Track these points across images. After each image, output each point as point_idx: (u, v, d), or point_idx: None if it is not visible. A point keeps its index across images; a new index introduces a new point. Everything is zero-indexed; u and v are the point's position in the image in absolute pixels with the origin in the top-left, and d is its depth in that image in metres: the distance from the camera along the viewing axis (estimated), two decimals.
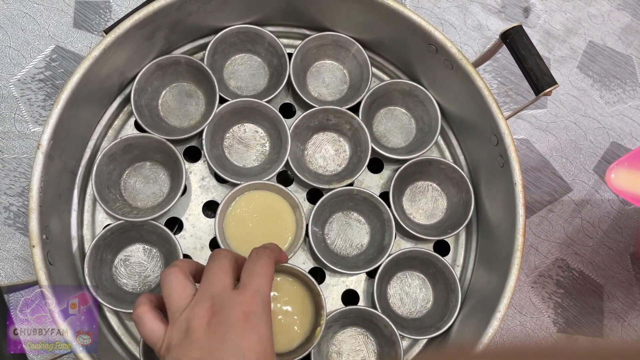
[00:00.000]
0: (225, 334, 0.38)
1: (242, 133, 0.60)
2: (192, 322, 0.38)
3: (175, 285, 0.41)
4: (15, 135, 0.67)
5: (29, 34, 0.70)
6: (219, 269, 0.42)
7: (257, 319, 0.39)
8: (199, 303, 0.39)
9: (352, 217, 0.59)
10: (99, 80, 0.52)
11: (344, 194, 0.57)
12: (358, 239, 0.59)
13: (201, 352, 0.37)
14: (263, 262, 0.42)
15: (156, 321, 0.41)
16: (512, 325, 0.68)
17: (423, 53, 0.56)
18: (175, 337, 0.39)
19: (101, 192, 0.54)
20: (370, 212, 0.58)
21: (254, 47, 0.61)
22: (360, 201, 0.58)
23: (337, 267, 0.55)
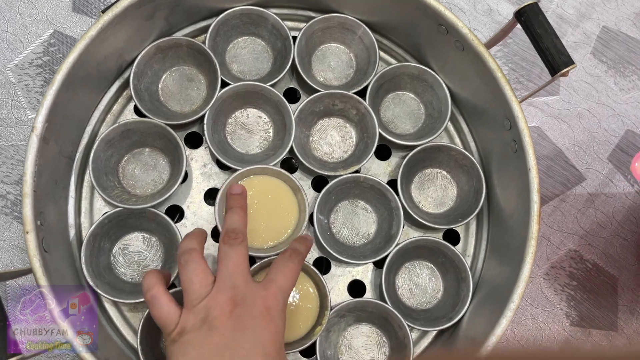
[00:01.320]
0: (247, 324, 0.39)
1: (245, 118, 0.58)
2: (212, 311, 0.39)
3: (198, 272, 0.41)
4: (12, 121, 0.65)
5: (27, 18, 0.68)
6: (240, 257, 0.42)
7: (276, 314, 0.40)
8: (221, 292, 0.40)
9: (359, 205, 0.57)
10: (96, 62, 0.51)
11: (350, 181, 0.55)
12: (365, 228, 0.57)
13: (222, 337, 0.38)
14: (294, 265, 0.44)
15: (171, 304, 0.41)
16: (524, 318, 0.66)
17: (433, 35, 0.54)
18: (191, 323, 0.39)
19: (99, 179, 0.52)
20: (377, 200, 0.56)
21: (257, 29, 0.59)
22: (367, 189, 0.56)
23: (343, 257, 0.53)
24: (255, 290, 0.41)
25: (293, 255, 0.45)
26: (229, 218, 0.46)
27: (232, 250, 0.42)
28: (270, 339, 0.39)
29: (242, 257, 0.42)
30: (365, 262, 0.54)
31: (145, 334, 0.50)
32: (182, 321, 0.40)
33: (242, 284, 0.41)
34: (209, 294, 0.40)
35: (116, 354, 0.50)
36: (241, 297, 0.40)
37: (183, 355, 0.38)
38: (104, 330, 0.51)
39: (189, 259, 0.42)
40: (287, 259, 0.44)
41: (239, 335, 0.38)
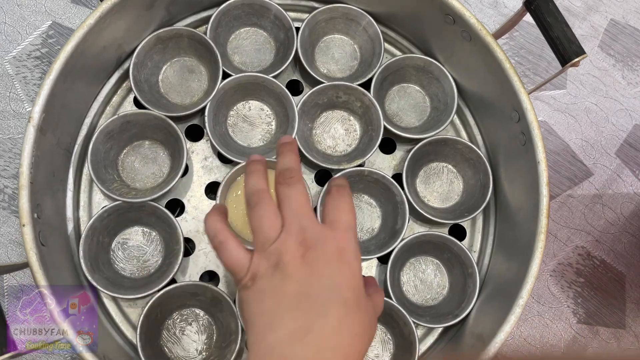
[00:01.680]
0: (322, 269, 0.37)
1: (247, 111, 0.57)
2: (284, 256, 0.37)
3: (269, 215, 0.39)
4: (10, 114, 0.64)
5: (25, 9, 0.67)
6: (301, 196, 0.40)
7: (350, 255, 0.38)
8: (290, 235, 0.38)
9: (363, 199, 0.56)
10: (95, 52, 0.49)
11: (354, 175, 0.54)
12: (369, 223, 0.56)
13: (297, 286, 0.36)
14: (348, 199, 0.41)
15: (240, 249, 0.39)
16: (530, 316, 0.65)
17: (439, 25, 0.53)
18: (264, 268, 0.38)
19: (98, 172, 0.51)
20: (381, 195, 0.55)
21: (259, 20, 0.58)
22: (371, 183, 0.55)
23: None
24: (325, 231, 0.39)
25: (341, 190, 0.42)
26: (280, 160, 0.43)
27: (292, 191, 0.40)
28: (348, 284, 0.37)
29: (304, 196, 0.40)
30: (369, 257, 0.53)
31: (145, 330, 0.49)
32: (254, 266, 0.38)
33: (310, 225, 0.39)
34: (279, 238, 0.38)
35: (115, 350, 0.49)
36: (312, 240, 0.38)
37: (259, 304, 0.37)
38: (102, 326, 0.50)
39: (258, 200, 0.40)
40: (339, 197, 0.41)
41: (314, 282, 0.36)
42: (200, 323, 0.52)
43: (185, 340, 0.51)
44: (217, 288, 0.50)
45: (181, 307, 0.52)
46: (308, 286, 0.36)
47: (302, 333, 0.35)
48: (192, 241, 0.54)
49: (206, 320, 0.52)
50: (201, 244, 0.53)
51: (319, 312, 0.36)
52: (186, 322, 0.52)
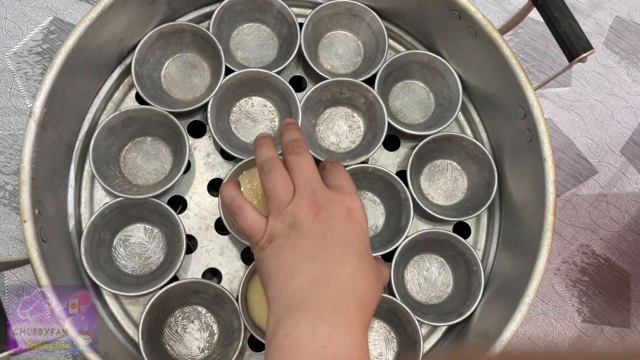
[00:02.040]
0: (335, 225, 0.39)
1: (250, 107, 0.56)
2: (298, 216, 0.39)
3: (282, 180, 0.41)
4: (11, 110, 0.63)
5: (26, 4, 0.66)
6: (310, 164, 0.42)
7: (358, 214, 0.41)
8: (303, 198, 0.40)
9: (367, 197, 0.55)
10: (96, 47, 0.49)
11: (358, 172, 0.53)
12: (372, 220, 0.55)
13: (313, 239, 0.38)
14: (344, 169, 0.45)
15: (256, 212, 0.41)
16: (534, 314, 0.65)
17: (444, 20, 0.52)
18: (280, 228, 0.40)
19: (99, 168, 0.50)
20: (385, 192, 0.54)
21: (262, 15, 0.57)
22: (375, 180, 0.54)
23: None
24: (334, 193, 0.41)
25: (335, 164, 0.45)
26: (286, 135, 0.45)
27: (301, 159, 0.42)
28: (359, 238, 0.40)
29: (312, 164, 0.42)
30: (372, 255, 0.52)
31: (147, 328, 0.48)
32: (270, 228, 0.40)
33: (320, 189, 0.41)
34: (293, 201, 0.40)
35: (116, 348, 0.48)
36: (323, 201, 0.40)
37: (277, 259, 0.39)
38: (103, 323, 0.50)
39: (272, 167, 0.42)
40: (336, 169, 0.44)
41: (328, 236, 0.39)
42: (202, 321, 0.51)
43: (187, 338, 0.51)
44: (220, 285, 0.49)
45: (183, 304, 0.51)
46: (323, 240, 0.39)
47: (322, 278, 0.37)
48: (195, 238, 0.53)
49: (208, 317, 0.51)
50: (203, 241, 0.53)
51: (335, 261, 0.38)
52: (188, 319, 0.51)
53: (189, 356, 0.50)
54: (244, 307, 0.49)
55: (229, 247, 0.53)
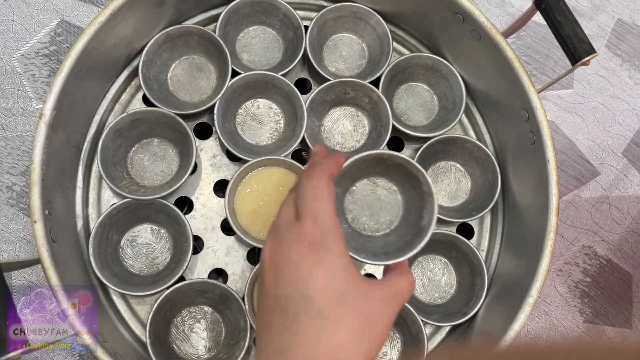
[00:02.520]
0: (289, 275, 0.33)
1: (256, 109, 0.57)
2: (263, 263, 0.36)
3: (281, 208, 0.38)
4: (18, 112, 0.64)
5: (33, 7, 0.67)
6: (288, 197, 0.38)
7: (323, 252, 0.33)
8: (268, 238, 0.36)
9: (379, 184, 0.46)
10: (105, 50, 0.50)
11: (370, 158, 0.43)
12: (387, 213, 0.46)
13: (268, 299, 0.34)
14: (314, 183, 0.36)
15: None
16: (537, 315, 0.65)
17: (448, 24, 0.53)
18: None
19: (107, 169, 0.51)
20: (404, 180, 0.45)
21: (268, 18, 0.58)
22: (391, 167, 0.45)
23: (361, 256, 0.41)
24: (291, 229, 0.36)
25: (307, 171, 0.39)
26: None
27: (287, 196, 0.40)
28: (323, 288, 0.33)
29: (286, 203, 0.39)
30: (387, 262, 0.42)
31: (154, 327, 0.49)
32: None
33: (282, 224, 0.37)
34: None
35: (124, 347, 0.49)
36: (281, 241, 0.36)
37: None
38: (111, 322, 0.50)
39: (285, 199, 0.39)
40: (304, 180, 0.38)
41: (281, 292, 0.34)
42: (208, 320, 0.52)
43: (193, 337, 0.51)
44: (226, 285, 0.50)
45: (190, 304, 0.52)
46: (276, 299, 0.33)
47: (278, 352, 0.32)
48: (201, 239, 0.54)
49: (215, 317, 0.52)
50: (209, 241, 0.54)
51: (290, 329, 0.32)
52: (195, 319, 0.52)
53: (196, 355, 0.51)
54: (250, 307, 0.50)
55: (235, 248, 0.54)
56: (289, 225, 0.35)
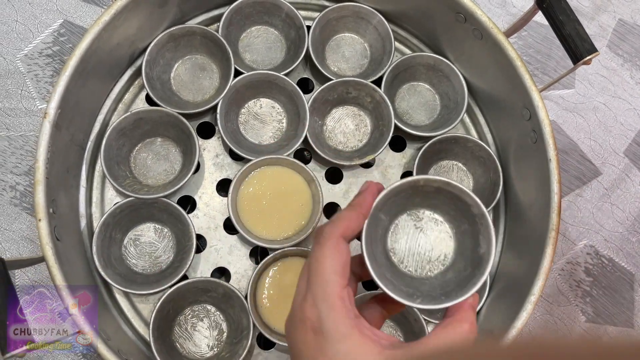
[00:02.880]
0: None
1: (258, 109, 0.57)
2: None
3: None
4: (21, 112, 0.64)
5: (37, 7, 0.67)
6: (313, 259, 0.34)
7: (323, 340, 0.31)
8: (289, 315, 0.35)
9: (423, 217, 0.40)
10: (108, 49, 0.50)
11: (404, 189, 0.38)
12: (438, 249, 0.39)
13: None
14: (318, 251, 0.34)
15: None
16: (539, 314, 0.65)
17: (450, 23, 0.53)
18: None
19: (110, 168, 0.51)
20: (449, 207, 0.39)
21: (270, 18, 0.58)
22: (431, 194, 0.39)
23: (416, 302, 0.36)
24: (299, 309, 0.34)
25: (317, 233, 0.36)
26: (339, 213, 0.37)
27: (311, 252, 0.36)
28: None
29: (315, 262, 0.35)
30: (448, 303, 0.36)
31: (157, 326, 0.49)
32: None
33: (293, 306, 0.35)
34: None
35: (127, 345, 0.49)
36: (288, 325, 0.35)
37: None
38: (114, 321, 0.50)
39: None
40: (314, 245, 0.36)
41: None
42: (211, 319, 0.52)
43: (197, 335, 0.51)
44: (228, 284, 0.50)
45: (193, 303, 0.52)
46: None
47: None
48: (204, 238, 0.54)
49: (217, 316, 0.52)
50: (212, 240, 0.54)
51: None
52: (198, 318, 0.52)
53: (199, 354, 0.51)
54: (252, 306, 0.50)
55: (238, 247, 0.54)
56: (298, 305, 0.34)
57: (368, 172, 0.57)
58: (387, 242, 0.40)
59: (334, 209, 0.56)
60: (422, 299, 0.36)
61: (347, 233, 0.35)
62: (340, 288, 0.33)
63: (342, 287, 0.33)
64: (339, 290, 0.33)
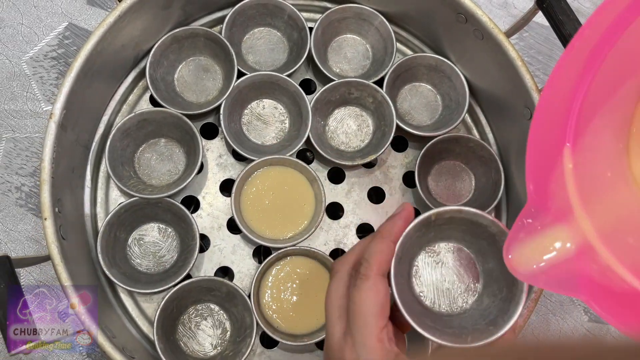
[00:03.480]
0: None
1: (261, 109, 0.57)
2: None
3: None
4: (27, 114, 0.65)
5: (42, 10, 0.68)
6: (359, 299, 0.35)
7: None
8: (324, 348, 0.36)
9: (440, 251, 0.40)
10: (113, 50, 0.50)
11: (418, 227, 0.37)
12: (465, 279, 0.40)
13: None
14: (356, 295, 0.34)
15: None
16: (541, 314, 0.66)
17: (451, 24, 0.54)
18: None
19: (115, 169, 0.52)
20: (464, 232, 0.40)
21: (273, 20, 0.59)
22: (443, 226, 0.39)
23: (467, 342, 0.36)
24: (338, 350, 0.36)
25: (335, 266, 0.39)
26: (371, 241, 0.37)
27: (354, 292, 0.35)
28: None
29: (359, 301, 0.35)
30: (498, 334, 0.36)
31: (161, 325, 0.49)
32: None
33: (329, 346, 0.36)
34: None
35: (132, 342, 0.49)
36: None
37: None
38: (119, 320, 0.51)
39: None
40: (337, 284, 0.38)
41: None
42: (215, 318, 0.52)
43: (200, 334, 0.52)
44: (232, 283, 0.50)
45: (196, 302, 0.52)
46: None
47: None
48: (207, 237, 0.54)
49: (221, 315, 0.52)
50: (216, 240, 0.54)
51: None
52: (201, 316, 0.52)
53: (202, 352, 0.51)
54: (255, 304, 0.50)
55: (241, 246, 0.54)
56: (336, 345, 0.35)
57: (370, 172, 0.57)
58: (414, 288, 0.39)
59: (336, 208, 0.56)
60: (471, 336, 0.35)
61: (382, 268, 0.35)
62: (379, 330, 0.33)
63: (381, 328, 0.34)
64: (377, 332, 0.33)
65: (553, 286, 0.33)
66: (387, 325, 0.34)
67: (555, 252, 0.31)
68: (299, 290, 0.52)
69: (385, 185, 0.57)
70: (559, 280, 0.32)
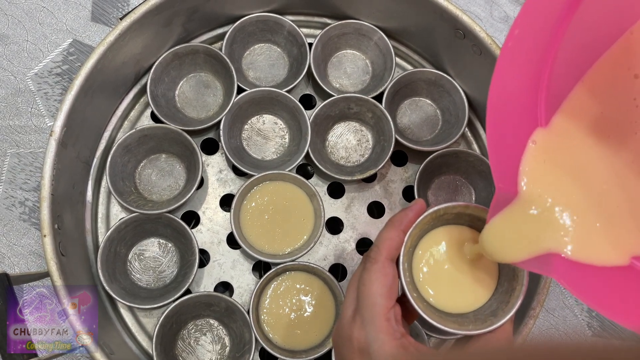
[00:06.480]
0: None
1: (261, 125, 0.58)
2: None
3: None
4: (31, 129, 0.66)
5: (47, 27, 0.69)
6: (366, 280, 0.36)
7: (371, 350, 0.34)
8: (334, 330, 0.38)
9: None
10: (114, 68, 0.51)
11: (426, 221, 0.39)
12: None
13: None
14: (365, 275, 0.36)
15: None
16: (545, 328, 0.65)
17: (450, 40, 0.54)
18: None
19: (116, 184, 0.52)
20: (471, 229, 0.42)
21: (273, 36, 0.59)
22: (451, 220, 0.41)
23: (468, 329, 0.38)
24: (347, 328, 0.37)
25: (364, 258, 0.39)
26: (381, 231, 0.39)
27: (363, 273, 0.37)
28: None
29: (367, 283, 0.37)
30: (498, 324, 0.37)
31: (161, 340, 0.49)
32: None
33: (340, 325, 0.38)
34: None
35: (131, 359, 0.49)
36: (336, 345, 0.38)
37: None
38: (119, 335, 0.51)
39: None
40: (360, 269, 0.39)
41: None
42: (214, 333, 0.52)
43: (199, 350, 0.52)
44: (231, 299, 0.51)
45: (196, 317, 0.52)
46: None
47: None
48: (207, 252, 0.55)
49: (220, 330, 0.52)
50: (215, 255, 0.54)
51: None
52: (201, 332, 0.52)
53: None
54: (254, 320, 0.50)
55: (240, 261, 0.54)
56: (346, 324, 0.36)
57: (370, 186, 0.57)
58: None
59: (336, 223, 0.56)
60: (472, 325, 0.37)
61: (391, 253, 0.37)
62: (386, 310, 0.35)
63: (389, 308, 0.35)
64: (385, 312, 0.35)
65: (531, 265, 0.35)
66: (395, 308, 0.36)
67: None
68: (298, 305, 0.52)
69: (385, 199, 0.57)
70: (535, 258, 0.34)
